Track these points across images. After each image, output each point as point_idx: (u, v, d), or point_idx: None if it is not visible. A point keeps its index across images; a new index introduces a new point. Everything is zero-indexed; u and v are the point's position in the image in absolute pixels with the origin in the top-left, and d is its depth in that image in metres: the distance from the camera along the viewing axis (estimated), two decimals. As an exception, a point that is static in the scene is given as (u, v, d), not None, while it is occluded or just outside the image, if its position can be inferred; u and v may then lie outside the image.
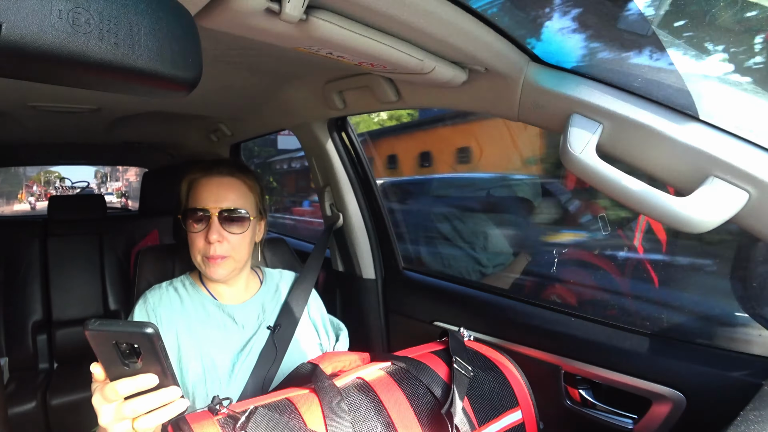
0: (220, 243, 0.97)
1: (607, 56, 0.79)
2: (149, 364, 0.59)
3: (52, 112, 1.60)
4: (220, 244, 0.97)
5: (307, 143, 1.56)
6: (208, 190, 0.99)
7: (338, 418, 0.71)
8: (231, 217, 0.98)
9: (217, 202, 0.98)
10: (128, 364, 0.59)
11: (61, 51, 0.33)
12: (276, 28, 0.64)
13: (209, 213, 0.97)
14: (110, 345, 0.58)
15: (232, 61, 1.08)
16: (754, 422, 0.51)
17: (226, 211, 0.98)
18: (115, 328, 0.57)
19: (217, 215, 0.97)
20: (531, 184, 2.45)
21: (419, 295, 1.48)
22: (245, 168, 1.07)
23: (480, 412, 0.84)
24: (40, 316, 2.25)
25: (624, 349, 0.97)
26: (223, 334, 1.00)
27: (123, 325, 0.58)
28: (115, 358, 0.59)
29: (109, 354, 0.58)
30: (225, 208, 0.98)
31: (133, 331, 0.56)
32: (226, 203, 0.98)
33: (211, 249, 0.96)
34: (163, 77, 0.39)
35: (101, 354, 0.59)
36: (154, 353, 0.57)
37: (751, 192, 0.65)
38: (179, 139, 2.47)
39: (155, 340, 0.56)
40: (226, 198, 0.99)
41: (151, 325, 0.56)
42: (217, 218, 0.97)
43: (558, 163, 1.60)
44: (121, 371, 0.60)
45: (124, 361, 0.59)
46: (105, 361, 0.60)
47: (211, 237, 0.96)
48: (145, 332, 0.56)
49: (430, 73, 0.83)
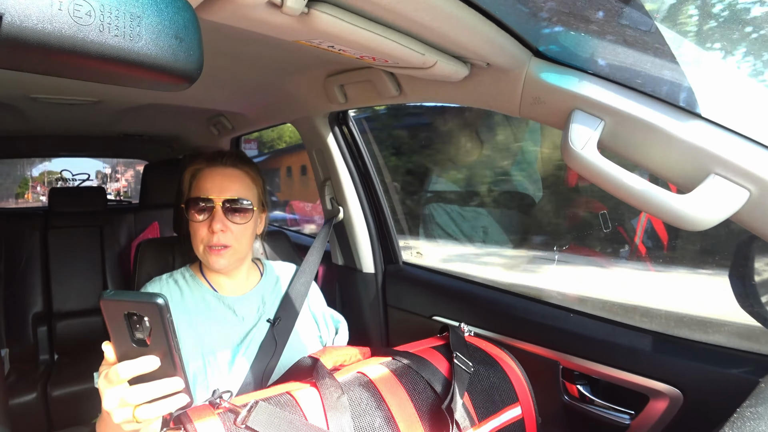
0: (224, 233, 0.97)
1: (610, 52, 0.78)
2: (157, 342, 0.59)
3: (53, 104, 1.60)
4: (223, 234, 0.97)
5: (308, 137, 1.56)
6: (212, 180, 0.99)
7: (339, 413, 0.71)
8: (234, 207, 0.99)
9: (221, 192, 0.98)
10: (137, 341, 0.60)
11: (62, 43, 0.33)
12: (277, 21, 0.64)
13: (213, 203, 0.98)
14: (121, 316, 0.59)
15: (233, 53, 1.08)
16: (750, 419, 0.51)
17: (230, 201, 0.98)
18: (126, 297, 0.59)
19: (220, 205, 0.98)
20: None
21: (419, 290, 1.49)
22: (248, 160, 1.07)
23: (480, 408, 0.84)
24: (40, 308, 2.26)
25: (622, 346, 0.98)
26: (223, 327, 1.01)
27: (135, 296, 0.59)
28: (125, 333, 0.59)
29: (120, 327, 0.59)
30: (229, 198, 0.98)
31: (144, 300, 0.58)
32: (230, 193, 0.99)
33: (215, 238, 0.97)
34: (164, 70, 0.39)
35: (113, 327, 0.60)
36: (162, 327, 0.58)
37: (751, 190, 0.65)
38: (180, 131, 2.47)
39: (164, 312, 0.57)
40: (230, 188, 0.99)
41: (162, 296, 0.57)
42: (221, 208, 0.97)
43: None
44: (129, 348, 0.60)
45: (134, 337, 0.60)
46: (116, 337, 0.61)
47: (214, 226, 0.96)
48: (154, 302, 0.57)
49: (431, 67, 0.83)
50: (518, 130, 2.29)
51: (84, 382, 1.99)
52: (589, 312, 1.08)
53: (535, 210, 2.30)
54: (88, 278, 2.38)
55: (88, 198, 2.52)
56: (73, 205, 2.44)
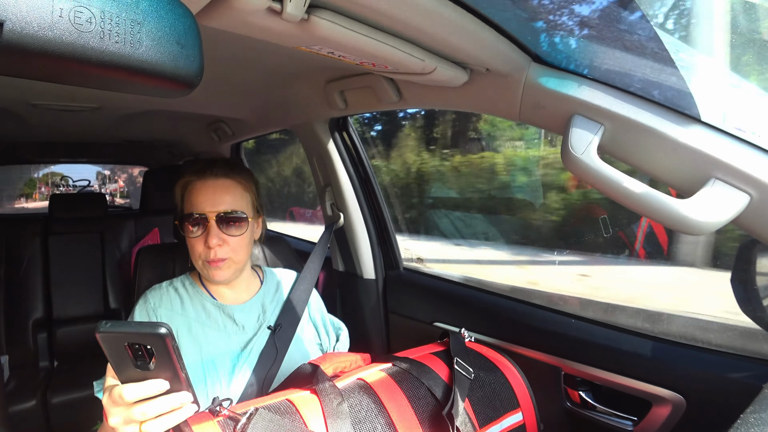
0: (221, 247, 0.96)
1: (609, 57, 0.78)
2: (162, 365, 0.58)
3: (54, 111, 1.60)
4: (220, 248, 0.96)
5: (308, 143, 1.56)
6: (203, 194, 0.98)
7: (339, 420, 0.71)
8: (229, 219, 0.97)
9: (214, 206, 0.97)
10: (140, 366, 0.58)
11: (63, 50, 0.33)
12: (277, 27, 0.64)
13: (207, 217, 0.96)
14: (122, 347, 0.57)
15: (233, 60, 1.08)
16: (754, 425, 0.51)
17: (224, 214, 0.97)
18: (127, 329, 0.56)
19: (215, 219, 0.96)
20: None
21: (419, 296, 1.48)
22: (239, 167, 1.05)
23: (481, 414, 0.84)
24: (40, 314, 2.25)
25: (624, 351, 0.97)
26: (222, 336, 1.00)
27: (136, 326, 0.57)
28: (126, 360, 0.58)
29: (121, 356, 0.57)
30: (222, 212, 0.97)
31: (147, 332, 0.55)
32: (223, 206, 0.97)
33: (212, 253, 0.96)
34: (165, 76, 0.39)
35: (112, 356, 0.58)
36: (167, 354, 0.57)
37: (752, 194, 0.65)
38: (180, 137, 2.47)
39: (169, 341, 0.56)
40: (223, 201, 0.98)
41: (165, 326, 0.55)
42: (215, 222, 0.96)
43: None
44: (132, 372, 0.59)
45: (137, 363, 0.58)
46: (116, 363, 0.59)
47: (210, 242, 0.95)
48: (158, 333, 0.55)
49: (431, 73, 0.83)
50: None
51: (84, 389, 1.98)
52: (591, 317, 1.08)
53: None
54: (88, 284, 2.37)
55: (89, 204, 2.52)
56: (73, 211, 2.44)
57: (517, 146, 3.56)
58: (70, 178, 3.73)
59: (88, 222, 2.45)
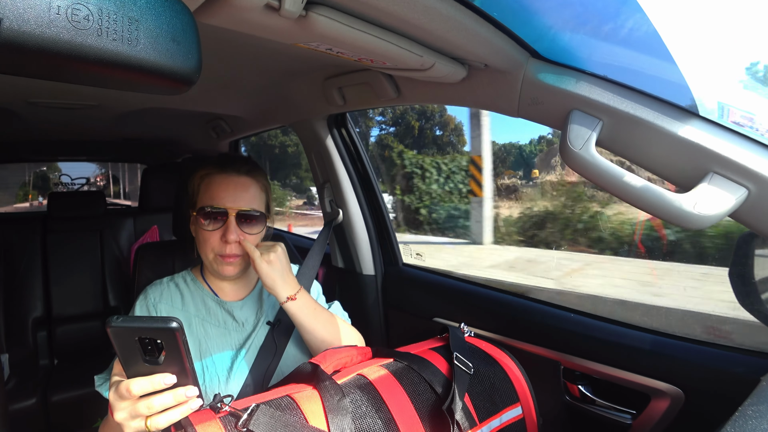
0: (237, 244, 0.96)
1: (607, 52, 0.78)
2: (171, 359, 0.59)
3: (52, 109, 1.59)
4: (236, 244, 0.96)
5: (307, 139, 1.56)
6: (225, 189, 0.97)
7: (340, 415, 0.71)
8: (248, 217, 0.97)
9: (235, 202, 0.96)
10: (149, 360, 0.59)
11: (60, 47, 0.33)
12: (275, 24, 0.64)
13: (226, 212, 0.96)
14: (132, 341, 0.57)
15: (231, 57, 1.08)
16: (752, 417, 0.51)
17: (244, 212, 0.97)
18: (139, 324, 0.57)
19: (234, 216, 0.96)
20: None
21: (419, 291, 1.49)
22: (258, 167, 1.05)
23: (480, 408, 0.84)
24: (40, 313, 2.25)
25: (623, 345, 0.98)
26: (222, 332, 1.01)
27: (147, 321, 0.58)
28: (136, 354, 0.59)
29: (131, 350, 0.58)
30: (243, 209, 0.97)
31: (158, 326, 0.56)
32: (244, 204, 0.97)
33: (228, 248, 0.95)
34: (163, 73, 0.39)
35: (122, 350, 0.59)
36: (176, 348, 0.58)
37: (750, 188, 0.65)
38: (179, 135, 2.47)
39: (179, 336, 0.57)
40: (243, 198, 0.97)
41: (176, 320, 0.56)
42: (235, 219, 0.96)
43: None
44: (141, 367, 0.60)
45: (146, 357, 0.59)
46: (125, 358, 0.59)
47: (229, 237, 0.94)
48: (170, 327, 0.56)
49: (429, 69, 0.83)
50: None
51: (84, 387, 1.98)
52: (590, 312, 1.08)
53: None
54: (87, 283, 2.37)
55: (87, 202, 2.51)
56: (72, 210, 2.43)
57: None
58: (69, 176, 3.73)
59: (87, 220, 2.44)
